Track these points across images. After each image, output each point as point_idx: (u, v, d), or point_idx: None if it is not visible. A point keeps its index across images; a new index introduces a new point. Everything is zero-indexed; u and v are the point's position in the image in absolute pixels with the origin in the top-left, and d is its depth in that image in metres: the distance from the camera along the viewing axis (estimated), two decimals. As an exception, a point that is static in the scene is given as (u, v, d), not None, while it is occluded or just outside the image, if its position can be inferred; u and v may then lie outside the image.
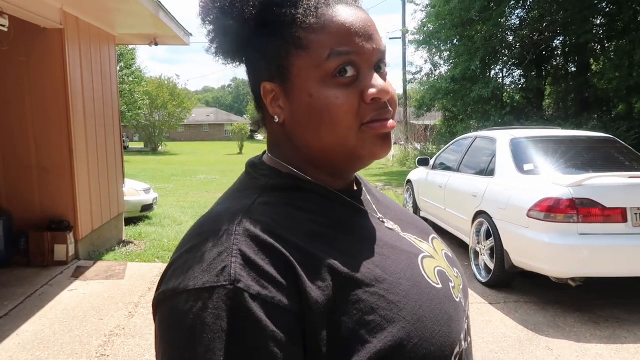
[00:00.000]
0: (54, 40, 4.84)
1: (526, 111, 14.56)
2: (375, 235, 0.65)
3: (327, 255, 0.57)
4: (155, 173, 17.27)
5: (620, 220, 3.75)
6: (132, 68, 29.27)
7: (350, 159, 0.64)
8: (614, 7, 12.29)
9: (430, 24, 15.83)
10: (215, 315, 0.50)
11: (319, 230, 0.60)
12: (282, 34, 0.61)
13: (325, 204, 0.65)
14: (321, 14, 0.60)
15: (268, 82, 0.64)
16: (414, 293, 0.59)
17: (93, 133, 5.55)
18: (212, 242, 0.55)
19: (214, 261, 0.53)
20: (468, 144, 5.83)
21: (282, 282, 0.53)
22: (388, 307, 0.56)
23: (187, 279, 0.53)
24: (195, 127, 63.35)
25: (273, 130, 0.68)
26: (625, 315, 3.87)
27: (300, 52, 0.61)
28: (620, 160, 4.84)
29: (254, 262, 0.53)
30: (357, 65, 0.61)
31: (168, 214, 8.42)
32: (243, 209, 0.59)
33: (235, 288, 0.51)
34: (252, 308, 0.50)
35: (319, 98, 0.60)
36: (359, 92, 0.61)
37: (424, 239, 0.73)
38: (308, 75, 0.61)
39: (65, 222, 5.04)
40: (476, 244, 4.79)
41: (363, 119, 0.61)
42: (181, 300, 0.52)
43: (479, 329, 3.64)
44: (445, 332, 0.59)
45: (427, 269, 0.65)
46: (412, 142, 20.69)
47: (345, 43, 0.60)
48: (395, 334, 0.55)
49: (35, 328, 3.59)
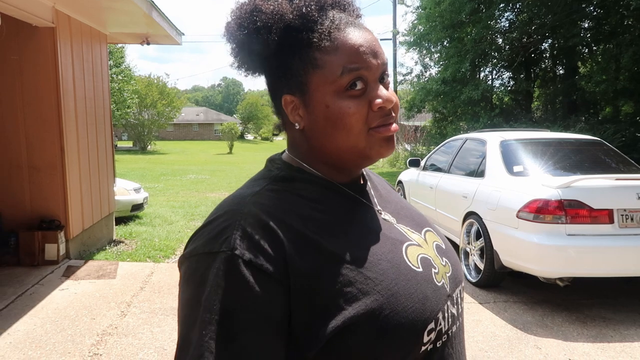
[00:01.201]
0: (45, 38, 4.81)
1: (515, 113, 14.72)
2: (366, 224, 0.75)
3: (316, 235, 0.68)
4: (144, 172, 17.17)
5: (607, 221, 3.83)
6: (121, 66, 29.02)
7: (360, 158, 0.74)
8: (601, 11, 12.47)
9: (421, 26, 15.92)
10: (215, 273, 0.63)
11: (314, 215, 0.71)
12: (300, 55, 0.71)
13: (327, 194, 0.75)
14: (334, 38, 0.70)
15: (288, 94, 0.74)
16: (392, 272, 0.69)
17: (84, 132, 5.52)
18: (223, 219, 0.68)
19: (220, 233, 0.66)
20: (458, 146, 5.89)
21: (272, 254, 0.64)
22: (365, 281, 0.66)
23: (200, 245, 0.67)
24: (185, 126, 63.00)
25: (293, 134, 0.79)
26: (612, 314, 3.95)
27: (317, 71, 0.71)
28: (607, 163, 4.93)
29: (250, 236, 0.65)
30: (365, 78, 0.71)
31: (158, 213, 8.39)
32: (252, 193, 0.72)
33: (232, 254, 0.63)
34: (243, 271, 0.63)
35: (334, 108, 0.70)
36: (367, 101, 0.71)
37: (417, 231, 0.82)
38: (324, 90, 0.71)
39: (56, 221, 5.01)
40: (466, 244, 4.85)
41: (370, 124, 0.71)
42: (194, 261, 0.67)
43: (469, 328, 3.69)
44: (419, 308, 0.68)
45: (410, 255, 0.74)
46: (402, 143, 20.79)
47: (355, 61, 0.70)
48: (368, 304, 0.65)
49: (27, 327, 3.57)
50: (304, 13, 0.71)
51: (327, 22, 0.71)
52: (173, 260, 5.49)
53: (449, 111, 16.04)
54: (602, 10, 12.36)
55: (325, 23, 0.71)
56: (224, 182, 14.36)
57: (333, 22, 0.71)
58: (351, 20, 0.73)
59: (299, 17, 0.71)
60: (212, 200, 10.17)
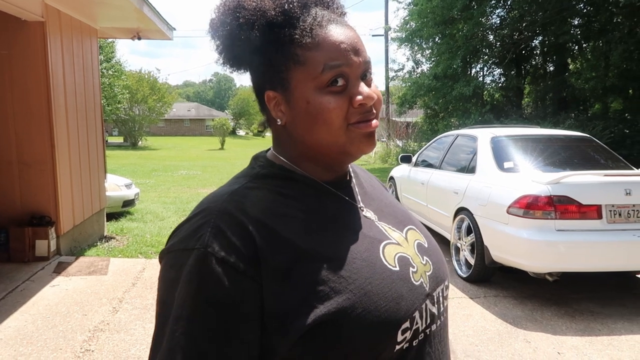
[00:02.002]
0: (35, 33, 4.76)
1: (506, 109, 14.82)
2: (346, 221, 0.76)
3: (290, 232, 0.69)
4: (135, 168, 17.07)
5: (595, 216, 3.88)
6: (112, 61, 28.77)
7: (341, 154, 0.75)
8: (591, 9, 12.57)
9: (413, 22, 15.93)
10: (189, 270, 0.65)
11: (291, 213, 0.72)
12: (283, 51, 0.72)
13: (308, 191, 0.76)
14: (315, 34, 0.71)
15: (271, 90, 0.75)
16: (366, 271, 0.69)
17: (75, 127, 5.48)
18: (200, 216, 0.70)
19: (195, 230, 0.68)
20: (450, 142, 5.93)
21: (244, 252, 0.65)
22: (337, 280, 0.67)
23: (177, 242, 0.69)
24: (176, 121, 62.64)
25: (276, 129, 0.79)
26: (599, 308, 4.00)
27: (298, 67, 0.71)
28: (596, 159, 4.99)
29: (224, 234, 0.66)
30: (347, 75, 0.71)
31: (150, 209, 8.36)
32: (229, 191, 0.73)
33: (205, 251, 0.65)
34: (215, 268, 0.64)
35: (314, 104, 0.71)
36: (348, 98, 0.71)
37: (398, 229, 0.82)
38: (306, 86, 0.71)
39: (47, 218, 4.98)
40: (457, 239, 4.89)
41: (350, 120, 0.72)
42: (170, 257, 0.69)
43: (459, 322, 3.73)
44: (392, 307, 0.68)
45: (387, 254, 0.74)
46: (394, 139, 20.84)
47: (336, 58, 0.70)
48: (340, 303, 0.65)
49: (18, 324, 3.56)
50: (286, 10, 0.71)
51: (310, 18, 0.72)
52: (165, 256, 5.48)
53: (440, 107, 16.10)
54: (592, 8, 12.46)
55: (308, 20, 0.71)
56: (216, 177, 14.32)
57: (315, 18, 0.72)
58: (334, 17, 0.73)
59: (281, 14, 0.71)
60: (204, 196, 10.07)
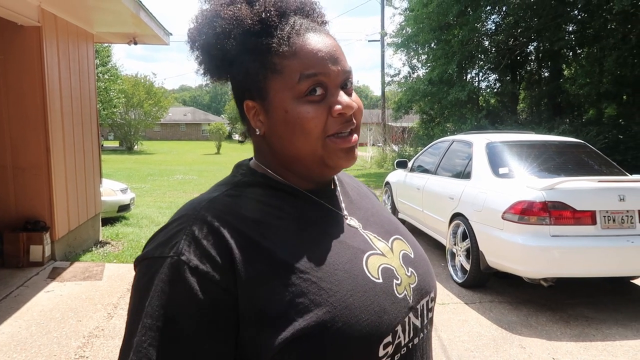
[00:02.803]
0: (31, 38, 4.76)
1: (501, 115, 14.88)
2: (327, 231, 0.73)
3: (270, 242, 0.66)
4: (131, 172, 17.02)
5: (589, 222, 3.90)
6: (108, 65, 28.73)
7: (319, 165, 0.72)
8: (586, 15, 12.66)
9: (409, 27, 16.02)
10: (161, 278, 0.63)
11: (269, 221, 0.69)
12: (260, 60, 0.71)
13: (289, 200, 0.74)
14: (293, 43, 0.70)
15: (250, 100, 0.74)
16: (348, 283, 0.67)
17: (70, 132, 5.47)
18: (176, 223, 0.68)
19: (170, 238, 0.66)
20: (445, 147, 5.95)
21: (219, 261, 0.63)
22: (318, 292, 0.64)
23: (151, 249, 0.67)
24: (172, 126, 62.54)
25: (256, 139, 0.78)
26: (594, 314, 4.02)
27: (276, 76, 0.70)
28: (590, 165, 5.02)
29: (199, 242, 0.64)
30: (325, 84, 0.70)
31: (145, 214, 8.34)
32: (208, 199, 0.71)
33: (178, 260, 0.63)
34: (188, 277, 0.62)
35: (292, 114, 0.69)
36: (327, 107, 0.70)
37: (384, 239, 0.79)
38: (283, 95, 0.70)
39: (41, 223, 4.96)
40: (453, 245, 4.90)
41: (328, 131, 0.70)
42: (144, 265, 0.66)
43: (455, 327, 3.74)
44: (374, 320, 0.66)
45: (370, 265, 0.72)
46: (389, 144, 20.89)
47: (313, 66, 0.69)
48: (320, 316, 0.63)
49: (12, 330, 3.54)
50: (263, 18, 0.70)
51: (287, 27, 0.70)
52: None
53: (436, 112, 16.16)
54: (586, 15, 12.56)
55: (285, 28, 0.70)
56: (212, 182, 13.97)
57: (293, 27, 0.71)
58: (312, 26, 0.72)
59: (258, 22, 0.70)
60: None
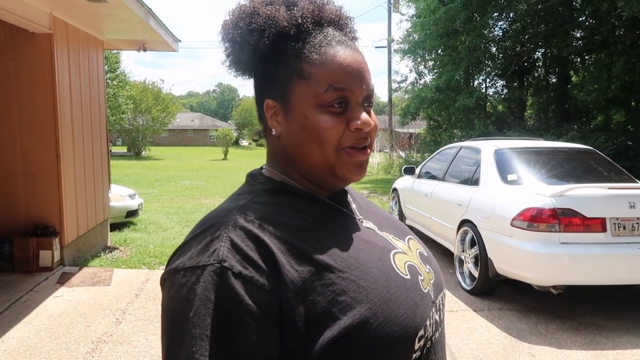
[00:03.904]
0: (42, 45, 4.82)
1: (509, 121, 14.84)
2: (353, 232, 0.76)
3: (307, 245, 0.68)
4: (139, 178, 17.11)
5: (599, 229, 3.87)
6: (117, 72, 28.99)
7: (329, 174, 0.74)
8: (593, 21, 12.63)
9: (416, 34, 16.04)
10: (204, 287, 0.62)
11: (302, 225, 0.71)
12: (288, 63, 0.73)
13: (310, 205, 0.75)
14: (323, 52, 0.72)
15: (271, 99, 0.75)
16: (383, 280, 0.69)
17: (80, 138, 5.52)
18: (209, 232, 0.67)
19: (207, 246, 0.65)
20: (453, 154, 5.94)
21: (262, 265, 0.63)
22: (358, 290, 0.66)
23: (186, 260, 0.65)
24: (180, 132, 62.90)
25: (271, 141, 0.79)
26: (604, 322, 3.98)
27: (302, 81, 0.72)
28: (599, 171, 4.99)
29: (239, 248, 0.64)
30: (348, 99, 0.72)
31: (153, 219, 8.37)
32: (238, 206, 0.71)
33: (221, 266, 0.62)
34: (233, 283, 0.61)
35: (312, 120, 0.71)
36: (346, 120, 0.72)
37: (401, 238, 0.83)
38: (306, 101, 0.72)
39: (51, 228, 5.00)
40: (461, 252, 4.88)
41: (343, 144, 0.72)
42: (180, 276, 0.64)
43: (464, 335, 3.71)
44: (410, 315, 0.68)
45: (398, 262, 0.75)
46: (396, 150, 20.87)
47: (341, 81, 0.71)
48: (362, 313, 0.64)
49: (21, 335, 3.56)
50: (299, 23, 0.72)
51: (320, 36, 0.73)
52: (168, 267, 5.48)
53: (443, 119, 16.14)
54: (594, 21, 12.52)
55: (318, 37, 0.73)
56: (219, 188, 14.34)
57: (326, 37, 0.73)
58: (344, 40, 0.75)
59: (293, 26, 0.72)
60: (207, 207, 10.15)
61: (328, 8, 0.77)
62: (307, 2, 0.75)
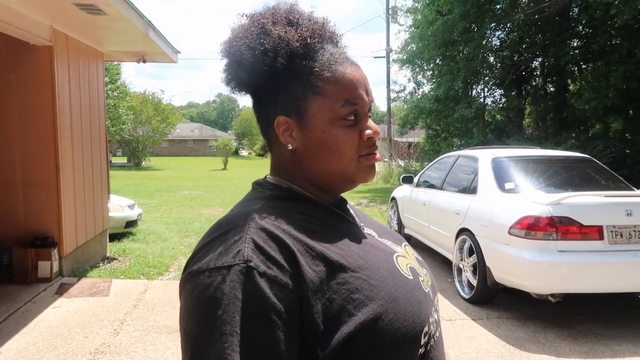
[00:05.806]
0: (43, 57, 4.86)
1: (507, 130, 14.89)
2: (358, 236, 0.81)
3: (322, 246, 0.71)
4: (138, 188, 17.12)
5: (597, 237, 3.88)
6: (117, 83, 29.13)
7: (346, 182, 0.82)
8: (590, 31, 12.73)
9: (414, 44, 16.16)
10: (231, 286, 0.64)
11: (314, 228, 0.75)
12: (302, 81, 0.77)
13: (318, 210, 0.80)
14: (335, 70, 0.77)
15: (282, 116, 0.79)
16: (390, 280, 0.74)
17: (79, 149, 5.55)
18: (230, 234, 0.70)
19: (230, 247, 0.67)
20: (451, 163, 5.96)
21: (285, 265, 0.67)
22: (369, 288, 0.71)
23: (209, 261, 0.68)
24: (180, 142, 63.04)
25: (282, 154, 0.82)
26: (603, 330, 3.98)
27: (317, 97, 0.77)
28: (597, 180, 5.01)
29: (262, 248, 0.67)
30: (358, 112, 0.79)
31: (152, 230, 8.37)
32: (255, 210, 0.74)
33: (247, 266, 0.65)
34: (259, 282, 0.64)
35: (329, 134, 0.77)
36: (358, 132, 0.79)
37: (398, 244, 0.89)
38: (322, 116, 0.77)
39: (50, 239, 5.00)
40: (459, 260, 4.88)
41: (360, 153, 0.80)
42: (204, 277, 0.66)
43: (462, 344, 3.71)
44: (416, 312, 0.73)
45: (401, 264, 0.80)
46: (395, 159, 20.89)
47: (355, 96, 0.78)
48: (375, 309, 0.69)
49: (19, 346, 3.55)
50: (308, 43, 0.77)
51: (327, 54, 0.78)
52: (167, 278, 5.47)
53: (442, 128, 16.19)
54: (591, 30, 12.62)
55: (325, 55, 0.78)
56: (219, 198, 14.35)
57: (332, 55, 0.78)
58: (346, 57, 0.81)
59: (303, 46, 0.77)
60: (207, 217, 10.16)
61: (328, 26, 0.82)
62: (308, 21, 0.80)
